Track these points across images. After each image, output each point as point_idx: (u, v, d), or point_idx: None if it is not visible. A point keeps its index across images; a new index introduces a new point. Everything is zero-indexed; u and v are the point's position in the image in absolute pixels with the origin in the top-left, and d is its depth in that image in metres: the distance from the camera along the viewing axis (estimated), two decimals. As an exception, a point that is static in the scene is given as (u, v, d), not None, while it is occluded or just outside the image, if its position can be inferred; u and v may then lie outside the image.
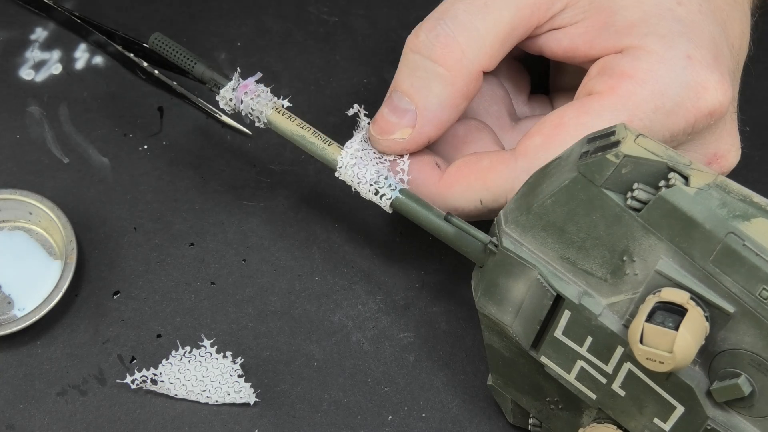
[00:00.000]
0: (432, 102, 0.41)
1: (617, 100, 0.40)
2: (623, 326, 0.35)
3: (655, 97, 0.40)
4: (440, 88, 0.41)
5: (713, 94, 0.40)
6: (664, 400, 0.35)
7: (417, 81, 0.41)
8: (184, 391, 0.44)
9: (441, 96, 0.41)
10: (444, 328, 0.47)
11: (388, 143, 0.42)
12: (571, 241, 0.35)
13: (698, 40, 0.40)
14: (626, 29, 0.41)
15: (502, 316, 0.38)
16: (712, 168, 0.43)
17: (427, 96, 0.41)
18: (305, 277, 0.48)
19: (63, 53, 0.54)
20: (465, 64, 0.41)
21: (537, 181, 0.37)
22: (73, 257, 0.46)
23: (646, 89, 0.40)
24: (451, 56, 0.40)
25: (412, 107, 0.41)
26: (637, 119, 0.39)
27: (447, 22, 0.41)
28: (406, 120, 0.41)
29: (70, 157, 0.51)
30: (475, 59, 0.41)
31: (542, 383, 0.40)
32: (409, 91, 0.41)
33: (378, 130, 0.42)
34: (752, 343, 0.32)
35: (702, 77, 0.40)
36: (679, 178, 0.33)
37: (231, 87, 0.44)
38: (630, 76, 0.40)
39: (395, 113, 0.42)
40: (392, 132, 0.42)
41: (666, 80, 0.40)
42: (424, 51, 0.41)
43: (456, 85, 0.41)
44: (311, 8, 0.57)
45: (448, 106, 0.41)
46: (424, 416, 0.45)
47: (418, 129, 0.42)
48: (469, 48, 0.40)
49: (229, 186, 0.50)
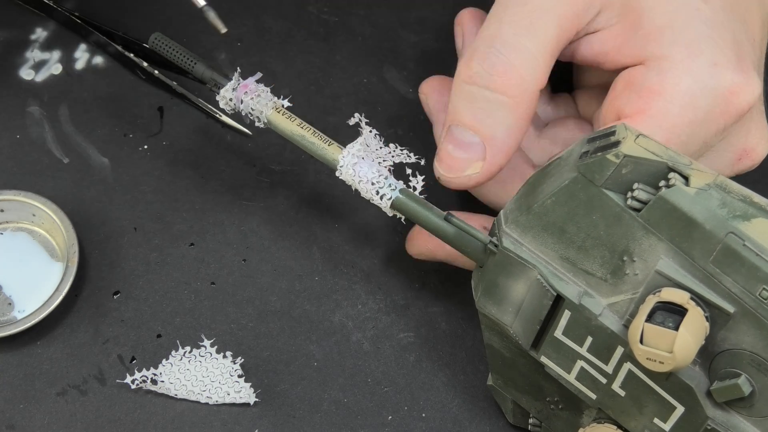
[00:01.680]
0: (499, 131, 0.40)
1: (651, 122, 0.39)
2: (623, 326, 0.35)
3: (687, 112, 0.39)
4: (505, 115, 0.40)
5: (741, 97, 0.40)
6: (664, 400, 0.35)
7: (479, 112, 0.40)
8: (184, 391, 0.44)
9: (507, 123, 0.40)
10: (444, 328, 0.47)
11: (461, 180, 0.41)
12: (571, 241, 0.35)
13: (723, 43, 0.40)
14: (653, 34, 0.40)
15: (502, 316, 0.38)
16: (742, 163, 0.43)
17: (492, 126, 0.40)
18: (305, 277, 0.48)
19: (63, 53, 0.54)
20: (525, 88, 0.40)
21: (537, 181, 0.37)
22: (74, 260, 0.45)
23: (676, 105, 0.39)
24: (511, 83, 0.39)
25: (477, 139, 0.40)
26: (674, 137, 0.39)
27: (499, 49, 0.40)
28: (475, 153, 0.40)
29: (70, 157, 0.51)
30: (533, 81, 0.40)
31: (542, 383, 0.40)
32: (471, 123, 0.40)
33: (447, 168, 0.41)
34: (752, 343, 0.32)
35: (729, 82, 0.39)
36: (679, 178, 0.33)
37: (231, 87, 0.44)
38: (659, 93, 0.39)
39: (461, 148, 0.40)
40: (463, 169, 0.41)
41: (695, 92, 0.39)
42: (482, 81, 0.40)
43: (520, 110, 0.40)
44: (311, 8, 0.57)
45: (515, 133, 0.40)
46: (424, 416, 0.45)
47: (490, 160, 0.40)
48: (526, 71, 0.40)
49: (229, 186, 0.50)
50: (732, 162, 0.43)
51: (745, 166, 0.43)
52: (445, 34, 0.47)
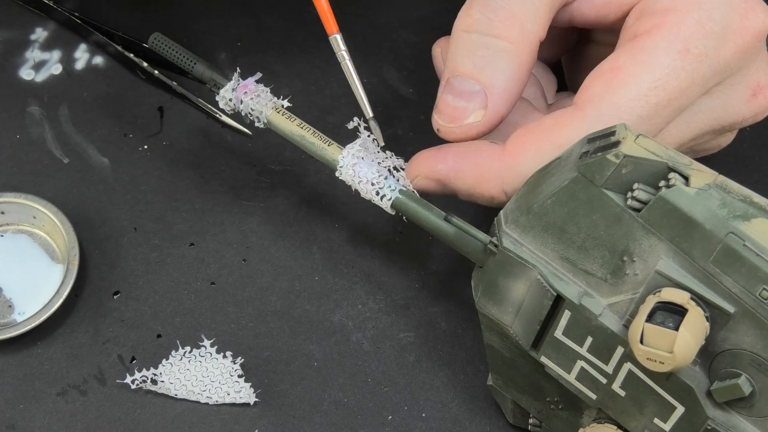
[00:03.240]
0: (500, 79, 0.39)
1: (667, 33, 0.38)
2: (623, 326, 0.35)
3: (703, 23, 0.39)
4: (506, 62, 0.39)
5: (757, 15, 0.39)
6: (664, 401, 0.35)
7: (480, 60, 0.39)
8: (184, 391, 0.44)
9: (508, 71, 0.39)
10: (444, 328, 0.47)
11: (463, 130, 0.40)
12: (572, 242, 0.35)
13: None
14: None
15: (502, 316, 0.38)
16: (756, 100, 0.42)
17: (494, 73, 0.39)
18: (305, 277, 0.48)
19: (63, 53, 0.54)
20: (527, 35, 0.39)
21: (537, 181, 0.37)
22: (75, 263, 0.45)
23: (692, 17, 0.39)
24: (513, 29, 0.39)
25: (479, 88, 0.39)
26: (692, 48, 0.38)
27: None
28: (476, 102, 0.39)
29: (70, 157, 0.51)
30: (533, 29, 0.39)
31: (542, 383, 0.40)
32: (472, 72, 0.39)
33: (447, 118, 0.40)
34: (752, 343, 0.32)
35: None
36: (679, 178, 0.33)
37: (231, 87, 0.44)
38: (673, 10, 0.39)
39: (461, 97, 0.40)
40: (464, 117, 0.40)
41: (710, 5, 0.39)
42: (482, 28, 0.39)
43: (522, 57, 0.39)
44: (311, 8, 0.57)
45: (517, 80, 0.40)
46: (424, 416, 0.45)
47: (492, 108, 0.39)
48: (526, 18, 0.39)
49: (229, 186, 0.50)
50: (747, 98, 0.42)
51: (760, 105, 0.42)
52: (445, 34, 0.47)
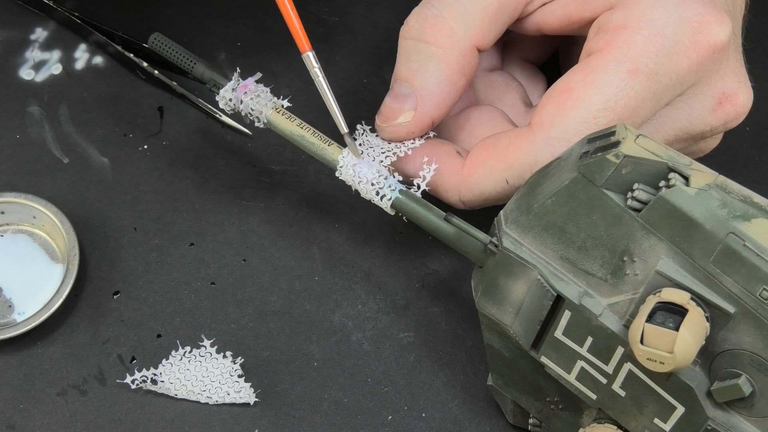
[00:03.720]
0: (429, 81, 0.42)
1: (617, 52, 0.39)
2: (623, 326, 0.35)
3: (654, 40, 0.39)
4: (435, 66, 0.41)
5: (711, 27, 0.40)
6: (664, 401, 0.35)
7: (413, 65, 0.42)
8: (184, 391, 0.44)
9: (436, 74, 0.41)
10: (444, 328, 0.47)
11: (393, 128, 0.43)
12: (572, 242, 0.35)
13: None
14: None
15: (502, 316, 0.38)
16: (723, 109, 0.42)
17: (423, 77, 0.42)
18: (305, 277, 0.48)
19: (63, 53, 0.54)
20: (456, 40, 0.41)
21: (537, 181, 0.37)
22: (75, 263, 0.45)
23: (642, 35, 0.39)
24: (440, 34, 0.41)
25: (410, 91, 0.42)
26: (642, 66, 0.39)
27: (434, 4, 0.42)
28: (408, 104, 0.42)
29: (70, 157, 0.51)
30: (465, 35, 0.41)
31: (542, 383, 0.40)
32: (406, 76, 0.42)
33: (382, 118, 0.43)
34: (752, 344, 0.32)
35: (696, 11, 0.40)
36: (679, 179, 0.33)
37: (231, 87, 0.44)
38: (624, 27, 0.40)
39: (396, 100, 0.42)
40: (395, 117, 0.42)
41: (660, 21, 0.39)
42: (415, 34, 0.42)
43: (449, 61, 0.41)
44: (311, 8, 0.57)
45: (445, 83, 0.42)
46: (424, 416, 0.45)
47: (420, 110, 0.42)
48: (457, 24, 0.41)
49: (229, 186, 0.50)
50: (712, 107, 0.42)
51: (727, 113, 0.43)
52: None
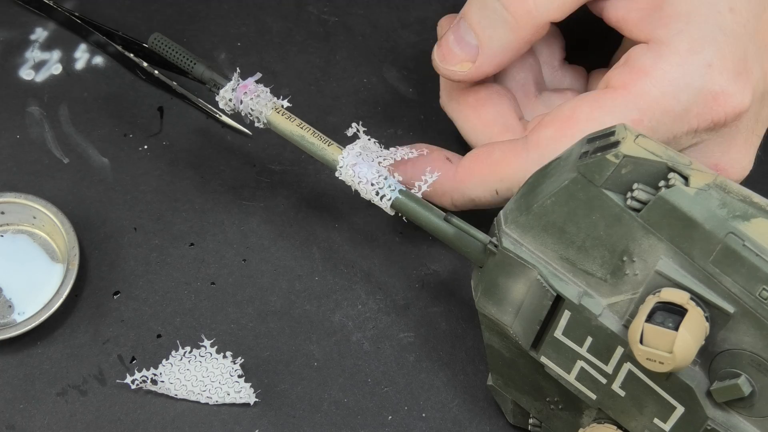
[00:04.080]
0: (495, 44, 0.42)
1: (630, 98, 0.40)
2: (623, 326, 0.35)
3: (667, 100, 0.40)
4: (505, 32, 0.42)
5: (724, 106, 0.40)
6: (664, 401, 0.35)
7: (484, 20, 0.42)
8: (184, 391, 0.44)
9: (504, 40, 0.42)
10: (444, 328, 0.47)
11: (448, 73, 0.44)
12: (571, 242, 0.35)
13: (728, 52, 0.40)
14: (667, 19, 0.41)
15: (502, 317, 0.38)
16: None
17: (491, 36, 0.42)
18: (305, 277, 0.48)
19: (63, 53, 0.54)
20: (533, 15, 0.42)
21: (537, 181, 0.37)
22: (75, 263, 0.45)
23: (659, 89, 0.40)
24: (521, 8, 0.42)
25: (476, 42, 0.43)
26: (645, 119, 0.40)
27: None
28: (468, 54, 0.43)
29: (70, 157, 0.51)
30: (544, 11, 0.42)
31: (542, 383, 0.40)
32: (475, 26, 0.43)
33: (441, 56, 0.44)
34: (752, 344, 0.32)
35: (717, 87, 0.40)
36: (679, 179, 0.33)
37: (230, 87, 0.44)
38: (647, 74, 0.40)
39: (459, 44, 0.43)
40: (453, 63, 0.43)
41: (680, 84, 0.40)
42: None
43: (520, 33, 0.42)
44: (311, 8, 0.57)
45: (509, 50, 0.43)
46: (424, 416, 0.45)
47: (478, 65, 0.43)
48: (539, 1, 0.42)
49: (229, 186, 0.50)
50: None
51: None
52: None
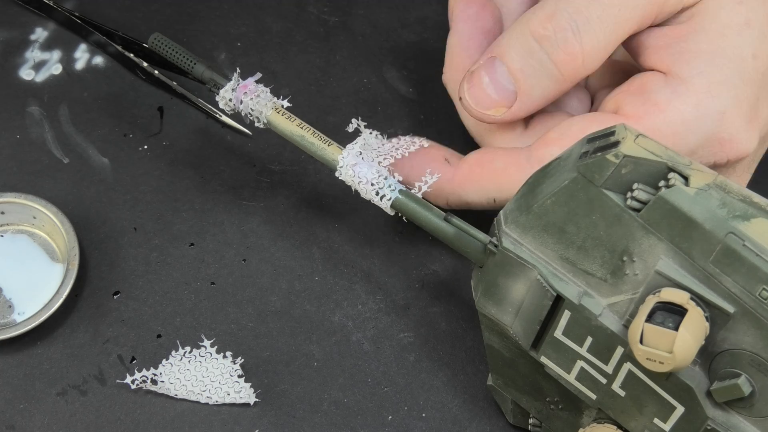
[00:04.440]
0: (536, 93, 0.41)
1: (641, 130, 0.39)
2: (623, 326, 0.35)
3: (675, 140, 0.40)
4: (549, 84, 0.41)
5: (729, 151, 0.40)
6: (664, 401, 0.35)
7: (528, 68, 0.41)
8: (184, 391, 0.44)
9: (547, 91, 0.41)
10: (444, 328, 0.47)
11: (481, 116, 0.42)
12: (571, 242, 0.35)
13: (744, 98, 0.40)
14: (689, 55, 0.40)
15: (502, 316, 0.38)
16: None
17: (533, 86, 0.41)
18: (305, 277, 0.48)
19: (63, 53, 0.54)
20: (580, 73, 0.41)
21: (537, 181, 0.37)
22: (75, 263, 0.45)
23: (670, 129, 0.40)
24: (571, 65, 0.40)
25: (514, 89, 0.41)
26: None
27: (579, 25, 0.40)
28: (505, 99, 0.41)
29: (70, 157, 0.51)
30: (589, 69, 0.41)
31: (542, 383, 0.40)
32: (516, 73, 0.41)
33: (474, 99, 0.42)
34: (752, 343, 0.32)
35: (727, 134, 0.40)
36: (679, 178, 0.33)
37: (230, 87, 0.44)
38: (661, 110, 0.40)
39: (496, 89, 0.41)
40: (488, 107, 0.42)
41: (692, 127, 0.40)
42: (547, 46, 0.40)
43: (563, 87, 0.41)
44: (311, 8, 0.57)
45: (547, 99, 0.42)
46: (424, 416, 0.45)
47: (514, 111, 0.42)
48: (590, 58, 0.40)
49: (229, 186, 0.50)
50: None
51: None
52: (445, 33, 0.47)
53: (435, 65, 0.52)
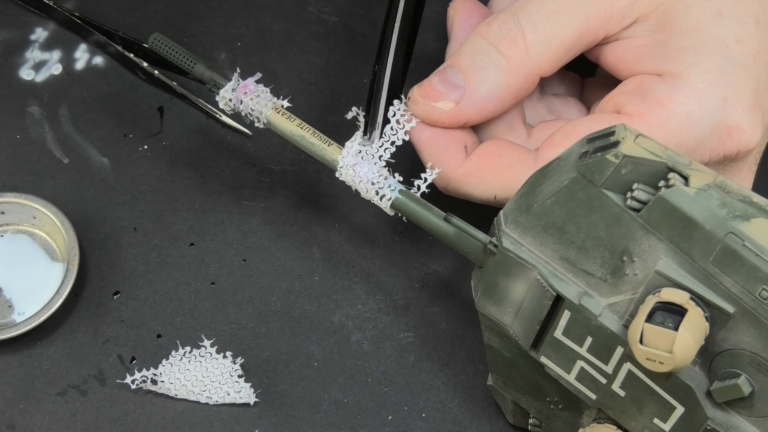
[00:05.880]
0: (484, 88, 0.41)
1: (645, 127, 0.40)
2: (623, 326, 0.35)
3: (682, 132, 0.40)
4: (496, 77, 0.41)
5: (737, 140, 0.40)
6: (664, 401, 0.35)
7: (477, 63, 0.41)
8: (184, 391, 0.44)
9: (494, 85, 0.41)
10: (444, 328, 0.47)
11: (427, 109, 0.42)
12: (571, 242, 0.35)
13: (741, 84, 0.40)
14: (675, 53, 0.40)
15: (502, 316, 0.38)
16: None
17: (481, 80, 0.41)
18: (305, 277, 0.48)
19: (63, 53, 0.54)
20: (526, 63, 0.41)
21: (537, 181, 0.37)
22: (75, 263, 0.45)
23: (675, 122, 0.40)
24: (515, 52, 0.41)
25: (464, 85, 0.41)
26: None
27: (520, 19, 0.41)
28: (454, 95, 0.42)
29: (70, 157, 0.51)
30: (537, 60, 0.41)
31: (542, 383, 0.40)
32: (466, 70, 0.42)
33: (422, 93, 0.42)
34: (752, 344, 0.32)
35: (732, 122, 0.40)
36: (678, 179, 0.33)
37: (230, 87, 0.44)
38: (663, 105, 0.40)
39: (445, 84, 0.42)
40: (435, 100, 0.42)
41: (697, 118, 0.40)
42: (492, 39, 0.41)
43: (511, 79, 0.41)
44: (311, 8, 0.57)
45: (496, 98, 0.42)
46: (424, 416, 0.45)
47: (461, 107, 0.42)
48: (534, 48, 0.41)
49: (229, 186, 0.50)
50: None
51: None
52: (445, 33, 0.47)
53: (434, 65, 0.52)
